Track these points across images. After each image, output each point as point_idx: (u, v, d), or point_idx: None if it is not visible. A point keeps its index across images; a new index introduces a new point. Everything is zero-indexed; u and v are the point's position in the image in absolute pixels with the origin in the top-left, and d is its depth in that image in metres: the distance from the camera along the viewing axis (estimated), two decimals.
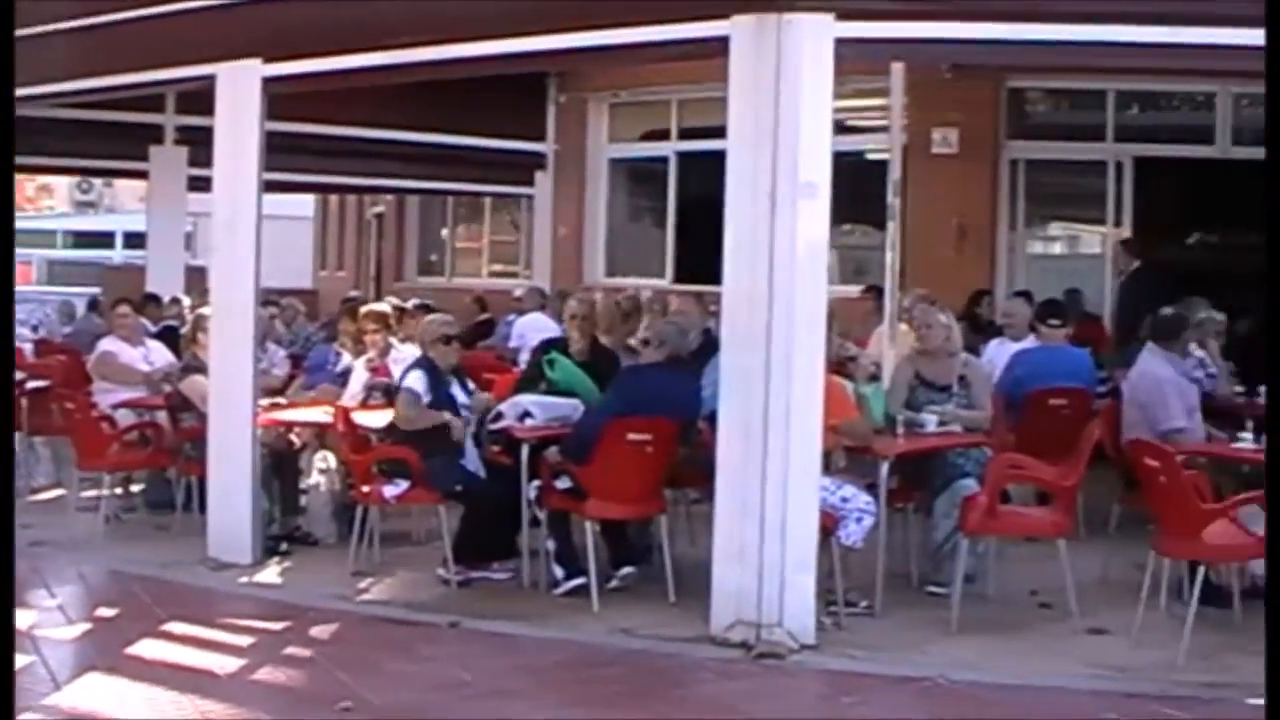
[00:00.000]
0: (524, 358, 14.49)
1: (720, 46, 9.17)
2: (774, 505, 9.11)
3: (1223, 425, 11.97)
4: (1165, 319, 11.90)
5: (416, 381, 10.93)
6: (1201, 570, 9.27)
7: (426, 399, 10.89)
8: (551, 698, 8.33)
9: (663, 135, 22.33)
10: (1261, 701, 8.16)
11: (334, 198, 36.05)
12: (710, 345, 11.14)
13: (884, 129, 15.67)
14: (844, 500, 9.75)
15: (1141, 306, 13.35)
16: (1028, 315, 14.24)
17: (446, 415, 10.90)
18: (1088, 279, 18.99)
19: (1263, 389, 13.57)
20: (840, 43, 9.00)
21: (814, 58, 8.99)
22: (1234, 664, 9.03)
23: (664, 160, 22.22)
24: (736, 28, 9.11)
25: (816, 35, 8.98)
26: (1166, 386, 11.23)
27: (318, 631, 9.63)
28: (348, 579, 10.91)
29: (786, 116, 8.97)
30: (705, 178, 14.83)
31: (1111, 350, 15.57)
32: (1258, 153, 18.65)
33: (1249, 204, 20.75)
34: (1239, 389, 13.88)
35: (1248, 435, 10.80)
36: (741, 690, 8.43)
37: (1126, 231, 19.02)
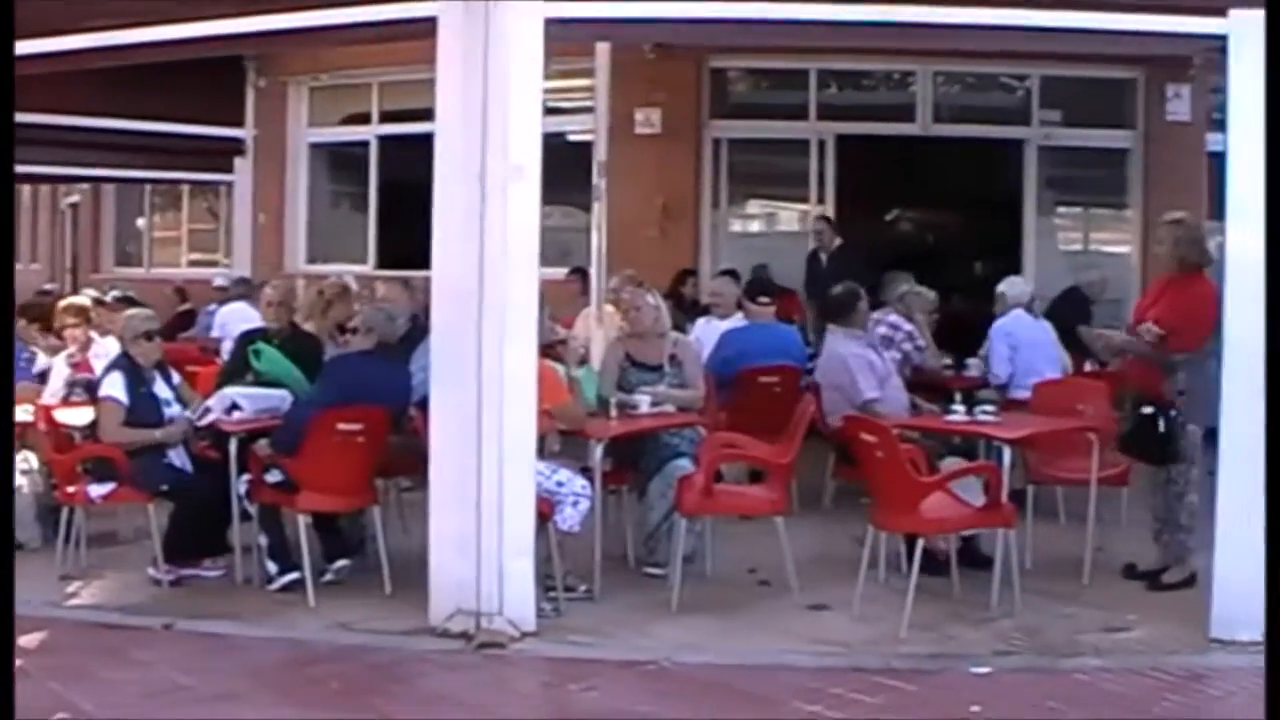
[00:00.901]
0: (227, 348, 14.19)
1: (427, 27, 9.01)
2: (490, 492, 9.00)
3: (933, 398, 12.21)
4: (835, 298, 12.13)
5: (116, 387, 10.57)
6: (920, 543, 9.37)
7: (127, 402, 10.56)
8: (271, 698, 8.08)
9: (363, 119, 22.08)
10: (986, 670, 8.35)
11: (26, 188, 35.05)
12: (418, 331, 11.01)
13: (587, 110, 15.64)
14: (560, 485, 9.67)
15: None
16: (735, 293, 14.35)
17: (157, 434, 10.56)
18: (790, 256, 19.26)
19: (970, 362, 13.92)
20: (550, 23, 8.90)
21: (523, 38, 8.86)
22: (956, 633, 9.24)
23: (365, 144, 21.97)
24: (444, 8, 8.95)
25: (526, 15, 8.86)
26: (851, 362, 11.47)
27: (26, 641, 9.18)
28: (55, 583, 10.50)
29: (496, 98, 8.85)
30: (407, 161, 14.69)
31: (814, 326, 15.76)
32: (957, 130, 19.25)
33: (950, 180, 21.41)
34: (947, 362, 14.18)
35: (959, 408, 10.99)
36: (464, 681, 8.31)
37: (830, 208, 19.28)
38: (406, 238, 13.42)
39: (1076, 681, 8.33)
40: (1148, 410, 10.11)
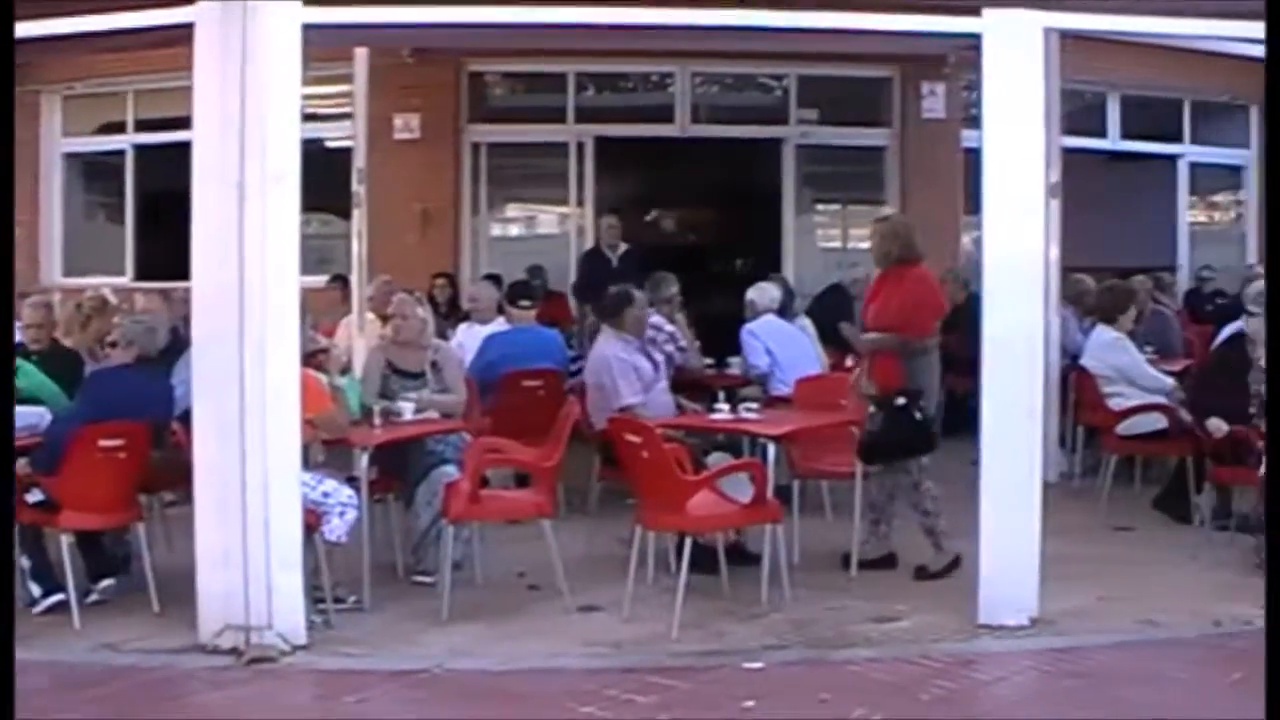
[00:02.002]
0: None
1: (184, 34, 8.87)
2: (255, 505, 8.87)
3: (696, 397, 12.31)
4: (607, 299, 12.17)
5: None
6: (688, 541, 9.41)
7: None
8: None
9: (119, 128, 21.67)
10: (758, 665, 8.43)
11: None
12: (179, 343, 10.87)
13: (345, 116, 15.55)
14: (325, 495, 9.60)
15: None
16: (494, 298, 14.35)
17: None
18: (551, 259, 19.33)
19: (732, 360, 14.09)
20: (307, 28, 8.80)
21: (281, 44, 8.74)
22: (727, 630, 9.31)
23: (121, 153, 21.55)
24: (201, 14, 8.79)
25: (283, 20, 8.74)
26: (614, 365, 11.61)
27: None
28: None
29: (253, 105, 8.72)
30: (165, 170, 14.44)
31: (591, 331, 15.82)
32: (715, 130, 19.43)
33: (710, 180, 21.62)
34: (709, 362, 14.32)
35: (723, 406, 11.10)
36: (236, 698, 8.19)
37: (589, 210, 19.36)
38: (166, 248, 13.20)
39: (848, 672, 8.47)
40: (900, 402, 10.30)
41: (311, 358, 10.27)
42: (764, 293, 14.11)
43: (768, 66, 19.50)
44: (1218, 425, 10.85)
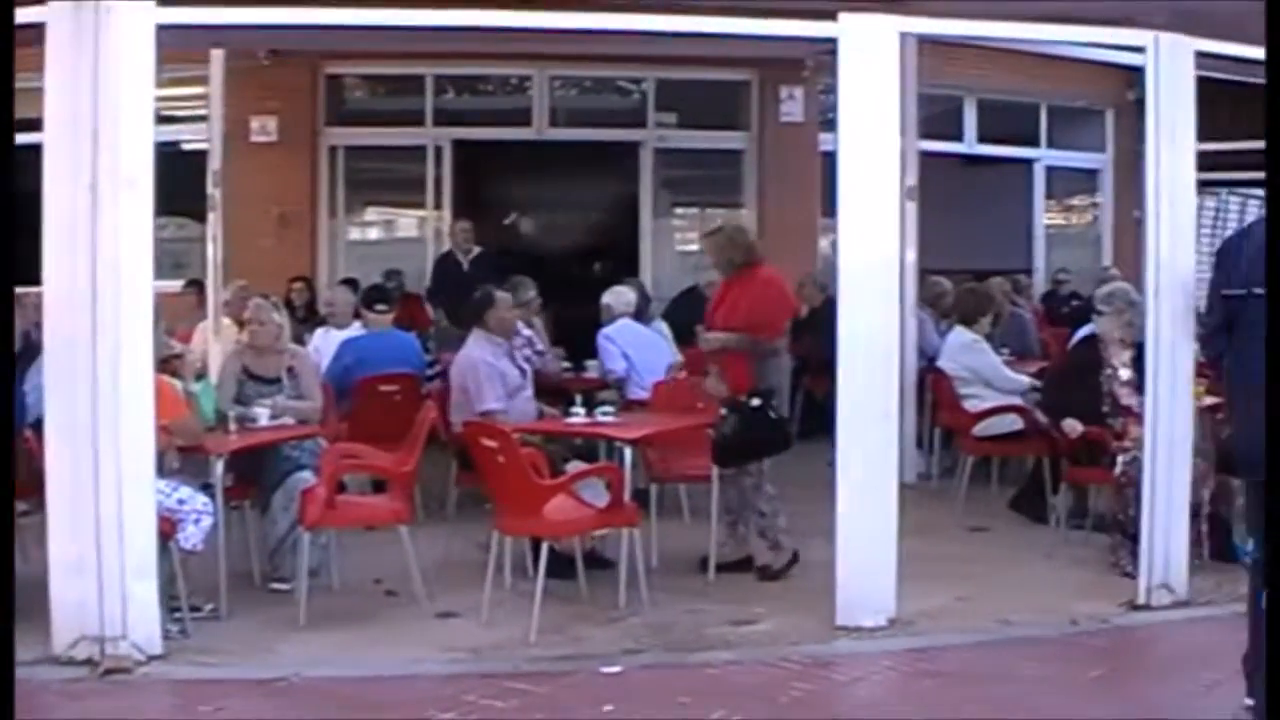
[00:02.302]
0: None
1: (35, 35, 8.71)
2: (109, 513, 8.70)
3: (554, 401, 12.30)
4: (472, 302, 12.12)
5: None
6: (545, 545, 9.39)
7: None
8: None
9: None
10: (617, 669, 8.42)
11: None
12: (31, 349, 10.69)
13: (201, 118, 15.39)
14: (181, 502, 9.44)
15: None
16: (351, 302, 14.26)
17: None
18: (410, 262, 19.26)
19: (590, 364, 14.10)
20: (162, 29, 8.67)
21: (134, 45, 8.59)
22: (584, 635, 9.31)
23: None
24: (53, 14, 8.61)
25: (137, 21, 8.59)
26: (480, 369, 11.49)
27: None
28: None
29: (106, 107, 8.56)
30: (17, 173, 14.28)
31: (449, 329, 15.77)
32: (573, 133, 19.44)
33: (568, 184, 21.65)
34: (567, 365, 14.32)
35: (579, 410, 11.10)
36: (91, 710, 8.03)
37: (447, 213, 19.30)
38: (17, 252, 13.01)
39: (707, 675, 8.49)
40: (755, 403, 10.35)
41: (166, 363, 10.16)
42: (619, 297, 14.12)
43: (626, 70, 19.53)
44: (1073, 425, 10.97)
